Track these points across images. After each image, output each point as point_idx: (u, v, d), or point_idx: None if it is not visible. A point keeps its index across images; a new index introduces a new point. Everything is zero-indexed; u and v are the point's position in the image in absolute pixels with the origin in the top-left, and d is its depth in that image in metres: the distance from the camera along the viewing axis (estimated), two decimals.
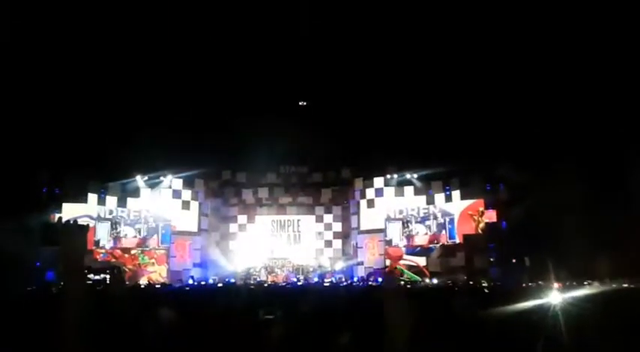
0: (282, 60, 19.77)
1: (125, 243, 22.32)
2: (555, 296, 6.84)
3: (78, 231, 2.18)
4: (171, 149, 21.15)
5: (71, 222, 3.51)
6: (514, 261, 19.36)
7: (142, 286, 16.04)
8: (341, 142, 22.11)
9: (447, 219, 22.91)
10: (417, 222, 23.74)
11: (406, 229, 23.83)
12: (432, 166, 22.39)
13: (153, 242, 22.94)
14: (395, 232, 24.07)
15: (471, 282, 17.77)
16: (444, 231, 22.95)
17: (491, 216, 21.36)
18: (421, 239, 23.48)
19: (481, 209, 21.74)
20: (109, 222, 22.08)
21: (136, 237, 22.61)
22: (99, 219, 21.56)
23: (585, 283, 13.85)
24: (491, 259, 20.79)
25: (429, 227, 23.44)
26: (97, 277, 11.87)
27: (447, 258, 22.10)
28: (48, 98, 17.77)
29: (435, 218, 23.29)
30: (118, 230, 22.35)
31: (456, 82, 19.09)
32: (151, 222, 23.04)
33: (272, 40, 19.13)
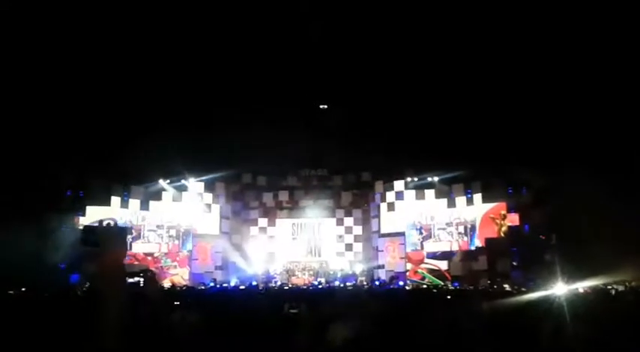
0: (303, 62, 19.80)
1: (147, 246, 22.54)
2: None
3: (120, 234, 2.21)
4: (192, 152, 21.33)
5: (111, 224, 3.57)
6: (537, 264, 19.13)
7: (177, 288, 16.18)
8: (361, 145, 22.06)
9: (469, 226, 22.74)
10: (439, 229, 23.63)
11: (421, 236, 23.74)
12: (453, 169, 22.23)
13: (174, 246, 23.14)
14: (414, 239, 24.01)
15: (495, 286, 17.61)
16: (465, 238, 22.79)
17: (513, 219, 21.14)
18: (440, 246, 23.37)
19: (503, 212, 21.52)
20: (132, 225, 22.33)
21: (158, 242, 22.83)
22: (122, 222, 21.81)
23: (610, 287, 13.65)
24: (514, 263, 20.57)
25: (450, 234, 23.29)
26: (131, 280, 11.94)
27: (468, 262, 21.91)
28: (72, 101, 18.04)
29: (456, 226, 23.14)
30: (141, 233, 22.59)
31: (477, 84, 18.96)
32: (172, 226, 23.26)
33: (292, 42, 19.21)
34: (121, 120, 19.16)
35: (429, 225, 23.79)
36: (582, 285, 14.59)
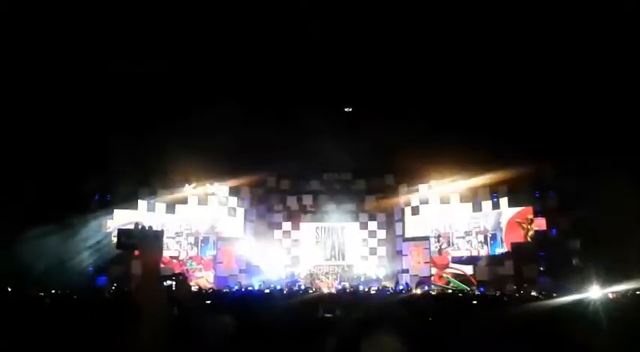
0: (327, 64, 19.79)
1: (172, 250, 22.81)
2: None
3: (154, 237, 2.24)
4: (217, 156, 21.50)
5: (147, 227, 3.61)
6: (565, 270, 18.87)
7: (203, 291, 16.31)
8: (385, 149, 21.97)
9: (489, 235, 22.55)
10: (457, 238, 23.51)
11: (438, 244, 23.66)
12: (478, 172, 22.02)
13: (197, 251, 23.42)
14: (432, 247, 23.98)
15: (522, 292, 17.40)
16: (486, 247, 22.62)
17: (540, 223, 20.85)
18: (460, 254, 23.30)
19: (530, 217, 21.25)
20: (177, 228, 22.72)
21: (182, 245, 23.09)
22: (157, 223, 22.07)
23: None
24: (541, 268, 20.30)
25: (470, 242, 23.15)
26: (164, 283, 12.11)
27: (494, 267, 21.68)
28: (101, 105, 18.32)
29: (476, 235, 23.03)
30: (183, 236, 22.95)
31: (501, 86, 18.73)
32: (193, 231, 23.52)
33: (317, 45, 19.23)
34: (148, 124, 19.38)
35: (448, 233, 23.68)
36: (612, 290, 14.34)
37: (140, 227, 2.65)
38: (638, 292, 13.49)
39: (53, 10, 15.44)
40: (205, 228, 23.73)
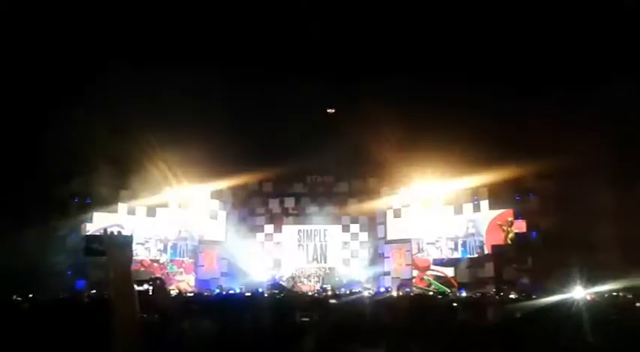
0: (311, 66, 19.77)
1: (158, 255, 22.59)
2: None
3: (123, 242, 2.20)
4: (199, 159, 21.36)
5: (115, 233, 3.55)
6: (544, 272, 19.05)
7: (183, 295, 16.19)
8: (367, 152, 22.01)
9: (460, 242, 22.81)
10: (427, 244, 23.78)
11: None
12: (460, 176, 22.15)
13: (183, 255, 23.20)
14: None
15: (501, 294, 17.52)
16: (456, 253, 22.88)
17: (520, 226, 21.05)
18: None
19: (510, 219, 21.44)
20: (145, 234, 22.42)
21: (159, 249, 22.86)
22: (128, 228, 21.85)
23: (616, 294, 13.56)
24: (521, 270, 20.46)
25: (440, 249, 23.36)
26: (139, 288, 11.89)
27: (475, 269, 21.83)
28: (78, 105, 18.04)
29: (446, 241, 23.36)
30: (151, 241, 22.67)
31: (479, 88, 18.84)
32: (179, 233, 23.32)
33: (299, 48, 19.24)
34: (128, 127, 19.16)
35: (417, 239, 23.88)
36: (590, 292, 14.51)
37: (109, 233, 2.61)
38: (615, 293, 13.66)
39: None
40: (186, 231, 23.53)
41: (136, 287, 2.61)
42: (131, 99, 17.86)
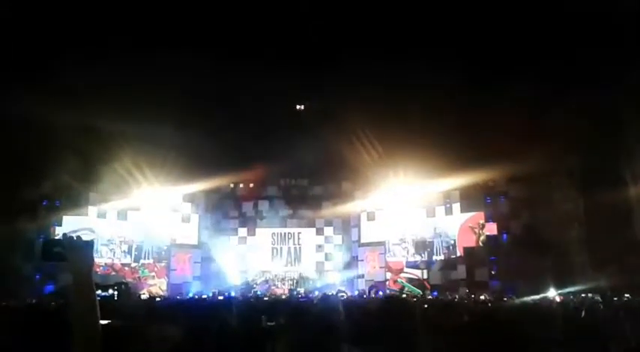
0: (282, 65, 19.68)
1: (122, 257, 22.26)
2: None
3: (84, 247, 2.16)
4: (171, 162, 21.18)
5: (75, 237, 3.47)
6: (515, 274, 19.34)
7: (154, 299, 15.97)
8: (341, 155, 22.04)
9: (427, 242, 23.17)
10: (393, 245, 24.03)
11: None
12: (432, 179, 22.35)
13: (147, 257, 22.94)
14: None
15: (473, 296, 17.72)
16: (423, 254, 23.15)
17: (491, 228, 21.35)
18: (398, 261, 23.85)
19: (481, 222, 21.73)
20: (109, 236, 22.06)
21: (129, 252, 22.57)
22: (98, 232, 21.54)
23: (584, 295, 13.82)
24: (492, 272, 20.77)
25: (406, 249, 23.59)
26: (104, 293, 11.58)
27: (447, 271, 22.05)
28: (48, 106, 17.69)
29: (412, 242, 23.63)
30: (116, 244, 22.32)
31: (456, 91, 19.01)
32: (150, 236, 23.03)
33: (276, 44, 19.16)
34: (99, 128, 18.87)
35: (383, 241, 24.12)
36: (559, 293, 14.80)
37: (68, 236, 2.55)
38: (583, 295, 13.91)
39: None
40: (157, 235, 23.25)
41: (101, 293, 2.56)
42: (100, 99, 17.52)
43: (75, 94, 17.16)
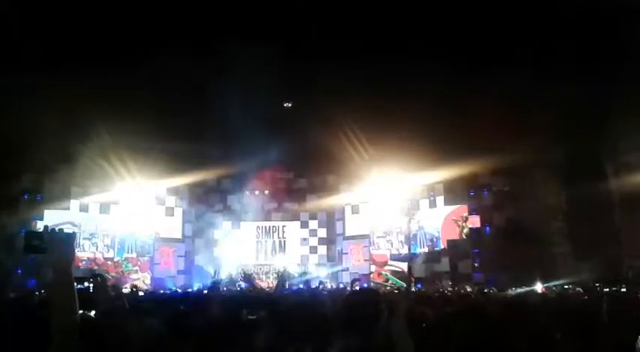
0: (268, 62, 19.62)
1: (104, 250, 22.10)
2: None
3: (65, 240, 2.13)
4: (155, 154, 21.02)
5: (56, 229, 3.44)
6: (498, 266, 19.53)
7: (136, 293, 15.85)
8: (325, 149, 22.03)
9: (411, 235, 23.19)
10: (378, 237, 24.19)
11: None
12: (416, 172, 22.43)
13: (130, 251, 22.81)
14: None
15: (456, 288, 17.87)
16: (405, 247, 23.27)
17: (474, 221, 21.52)
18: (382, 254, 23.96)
19: (465, 214, 21.88)
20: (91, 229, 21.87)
21: (111, 246, 22.41)
22: (80, 225, 21.33)
23: (567, 287, 13.99)
24: (476, 264, 20.95)
25: (390, 242, 23.70)
26: (79, 286, 11.56)
27: (431, 264, 22.18)
28: (31, 100, 17.46)
29: (397, 235, 23.69)
30: (99, 237, 22.14)
31: (441, 85, 19.07)
32: (131, 230, 22.85)
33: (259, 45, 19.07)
34: (81, 121, 18.64)
35: (367, 234, 24.25)
36: (541, 286, 14.95)
37: (49, 229, 2.53)
38: (566, 286, 14.08)
39: None
40: (140, 229, 23.08)
41: (76, 285, 2.53)
42: (81, 93, 17.30)
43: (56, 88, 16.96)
